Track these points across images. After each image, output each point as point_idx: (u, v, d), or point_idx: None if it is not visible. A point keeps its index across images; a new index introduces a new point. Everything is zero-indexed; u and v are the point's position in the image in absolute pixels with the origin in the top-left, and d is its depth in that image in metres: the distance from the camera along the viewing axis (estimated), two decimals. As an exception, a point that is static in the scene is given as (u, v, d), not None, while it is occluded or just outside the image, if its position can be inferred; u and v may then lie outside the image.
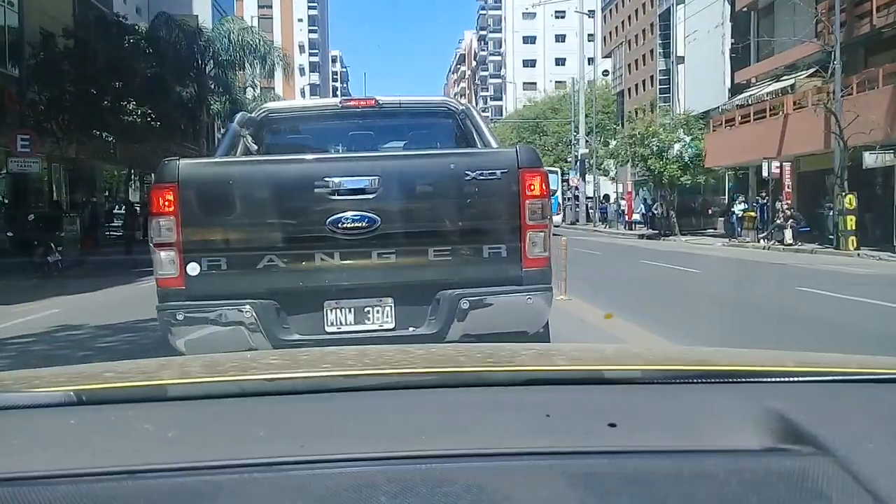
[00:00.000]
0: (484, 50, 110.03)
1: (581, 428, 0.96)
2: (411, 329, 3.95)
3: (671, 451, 0.90)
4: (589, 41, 54.61)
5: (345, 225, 3.82)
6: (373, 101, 5.47)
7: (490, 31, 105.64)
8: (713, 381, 1.17)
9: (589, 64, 53.42)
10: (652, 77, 46.29)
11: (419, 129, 5.94)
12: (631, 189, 40.47)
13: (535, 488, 0.82)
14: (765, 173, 25.05)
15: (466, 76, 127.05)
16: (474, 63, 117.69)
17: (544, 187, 3.97)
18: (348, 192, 3.85)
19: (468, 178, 3.91)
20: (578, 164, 49.54)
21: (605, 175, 48.47)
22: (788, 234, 23.33)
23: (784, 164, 24.74)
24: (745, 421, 0.96)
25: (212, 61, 32.53)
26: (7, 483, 0.82)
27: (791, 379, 1.17)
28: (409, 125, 5.94)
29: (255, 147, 5.34)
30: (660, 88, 43.20)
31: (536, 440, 0.91)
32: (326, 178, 3.86)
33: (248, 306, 3.82)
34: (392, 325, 3.97)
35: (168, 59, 23.80)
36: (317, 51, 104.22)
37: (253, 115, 5.51)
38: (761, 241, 24.90)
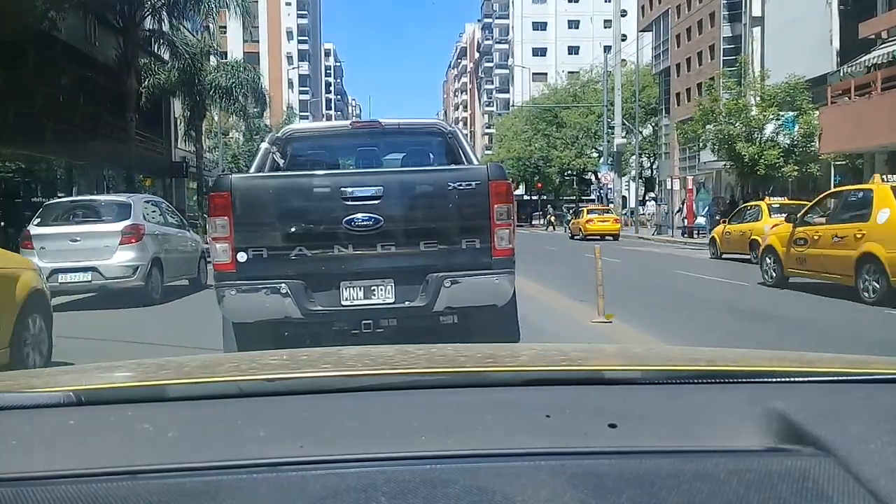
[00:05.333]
0: (489, 39, 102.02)
1: (581, 428, 0.95)
2: (407, 303, 5.02)
3: (672, 452, 0.89)
4: (606, 27, 45.94)
5: (356, 224, 4.91)
6: (377, 123, 6.79)
7: (496, 18, 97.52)
8: (713, 381, 1.15)
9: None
10: (712, 47, 37.83)
11: (415, 146, 7.23)
12: (692, 186, 31.82)
13: (535, 489, 0.82)
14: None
15: (468, 70, 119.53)
16: (477, 54, 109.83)
17: (509, 195, 5.07)
18: (359, 199, 4.93)
19: (450, 188, 5.00)
20: (613, 157, 41.02)
21: (619, 175, 40.73)
22: None
23: None
24: (746, 421, 0.95)
25: (143, 8, 24.29)
26: (6, 483, 0.82)
27: (792, 379, 1.15)
28: (407, 142, 7.25)
29: (282, 161, 6.53)
30: (724, 60, 34.45)
31: (536, 440, 0.91)
32: (343, 189, 4.96)
33: (283, 285, 4.90)
34: (392, 300, 5.04)
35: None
36: (306, 38, 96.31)
37: (279, 134, 6.78)
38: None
